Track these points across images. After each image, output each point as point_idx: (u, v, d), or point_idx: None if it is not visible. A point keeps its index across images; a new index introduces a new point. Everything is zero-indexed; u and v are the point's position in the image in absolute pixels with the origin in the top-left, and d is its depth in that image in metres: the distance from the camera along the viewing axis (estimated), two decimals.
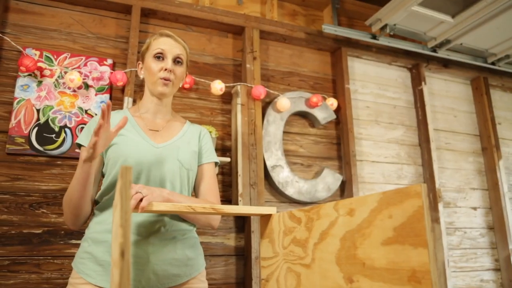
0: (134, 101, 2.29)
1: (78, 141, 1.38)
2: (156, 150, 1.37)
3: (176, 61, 1.44)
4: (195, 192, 1.50)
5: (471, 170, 3.29)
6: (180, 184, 1.38)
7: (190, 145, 1.45)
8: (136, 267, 1.24)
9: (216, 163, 1.54)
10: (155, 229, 1.28)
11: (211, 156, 1.51)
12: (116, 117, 1.44)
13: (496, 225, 3.19)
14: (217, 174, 2.43)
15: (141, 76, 1.50)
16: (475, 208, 3.20)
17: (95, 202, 1.37)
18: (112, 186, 1.32)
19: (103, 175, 1.40)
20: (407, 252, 0.67)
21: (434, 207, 2.94)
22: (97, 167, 1.37)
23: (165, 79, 1.40)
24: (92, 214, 1.36)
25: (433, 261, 0.63)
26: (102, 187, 1.36)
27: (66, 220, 1.33)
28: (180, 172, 1.38)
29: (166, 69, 1.40)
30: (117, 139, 1.35)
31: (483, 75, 3.45)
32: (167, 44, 1.43)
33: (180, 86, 1.53)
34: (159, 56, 1.42)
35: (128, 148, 1.33)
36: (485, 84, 3.44)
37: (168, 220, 1.32)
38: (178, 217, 1.36)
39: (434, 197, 2.96)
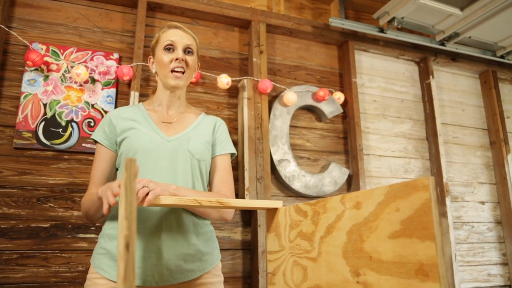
0: (141, 95, 2.29)
1: (93, 136, 1.40)
2: (168, 143, 1.36)
3: (187, 51, 1.44)
4: (209, 184, 1.48)
5: (479, 164, 3.27)
6: (192, 175, 1.37)
7: (202, 136, 1.44)
8: (150, 262, 1.24)
9: (232, 154, 1.52)
10: (168, 224, 1.28)
11: (226, 147, 1.49)
12: (130, 111, 1.44)
13: (504, 220, 3.17)
14: None
15: (153, 71, 1.49)
16: (483, 202, 3.18)
17: None
18: None
19: (117, 169, 1.41)
20: (415, 245, 0.66)
21: (441, 201, 2.92)
22: (112, 163, 1.38)
23: (177, 71, 1.40)
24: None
25: (440, 254, 0.62)
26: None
27: (83, 217, 1.35)
28: (192, 163, 1.36)
29: (177, 59, 1.39)
30: (129, 132, 1.36)
31: (492, 68, 3.41)
32: (176, 35, 1.42)
33: (194, 76, 1.52)
34: (169, 48, 1.41)
35: (139, 141, 1.33)
36: (493, 77, 3.40)
37: (182, 215, 1.31)
38: (191, 211, 1.35)
39: (441, 191, 2.94)
